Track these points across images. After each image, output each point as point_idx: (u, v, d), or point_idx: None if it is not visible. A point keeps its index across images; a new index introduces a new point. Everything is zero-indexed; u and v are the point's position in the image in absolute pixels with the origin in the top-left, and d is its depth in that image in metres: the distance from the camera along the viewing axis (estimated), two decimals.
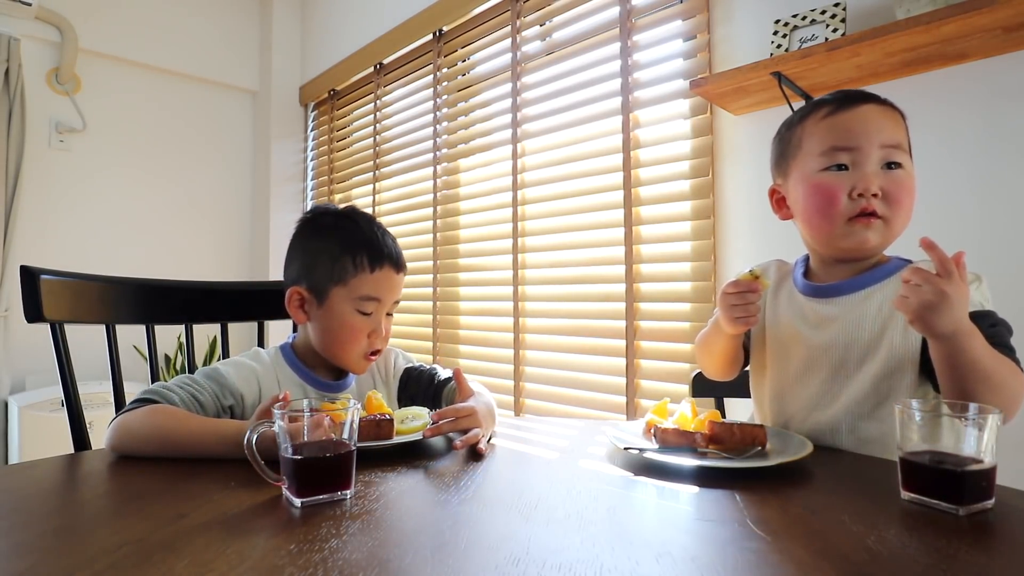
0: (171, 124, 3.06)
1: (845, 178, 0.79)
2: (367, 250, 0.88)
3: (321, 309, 0.89)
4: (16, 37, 2.53)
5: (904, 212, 0.79)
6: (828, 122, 0.82)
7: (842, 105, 0.82)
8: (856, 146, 0.79)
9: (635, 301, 1.76)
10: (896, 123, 0.81)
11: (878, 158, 0.78)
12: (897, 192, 0.78)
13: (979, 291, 0.77)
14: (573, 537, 0.49)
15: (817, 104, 0.85)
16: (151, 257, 2.94)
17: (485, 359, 2.22)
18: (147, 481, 0.65)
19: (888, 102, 0.82)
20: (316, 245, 0.91)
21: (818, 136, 0.82)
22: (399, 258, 0.92)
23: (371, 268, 0.88)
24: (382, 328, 0.90)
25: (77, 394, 0.94)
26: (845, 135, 0.79)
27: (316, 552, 0.45)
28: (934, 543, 0.47)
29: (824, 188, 0.80)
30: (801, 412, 0.85)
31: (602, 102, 1.87)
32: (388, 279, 0.90)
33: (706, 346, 0.94)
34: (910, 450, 0.57)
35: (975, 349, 0.66)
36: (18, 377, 2.55)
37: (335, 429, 0.59)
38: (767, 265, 0.97)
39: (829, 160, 0.80)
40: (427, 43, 2.53)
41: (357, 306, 0.88)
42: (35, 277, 0.93)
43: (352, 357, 0.90)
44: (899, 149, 0.79)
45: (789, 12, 1.39)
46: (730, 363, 0.94)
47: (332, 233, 0.91)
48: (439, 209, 2.46)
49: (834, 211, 0.79)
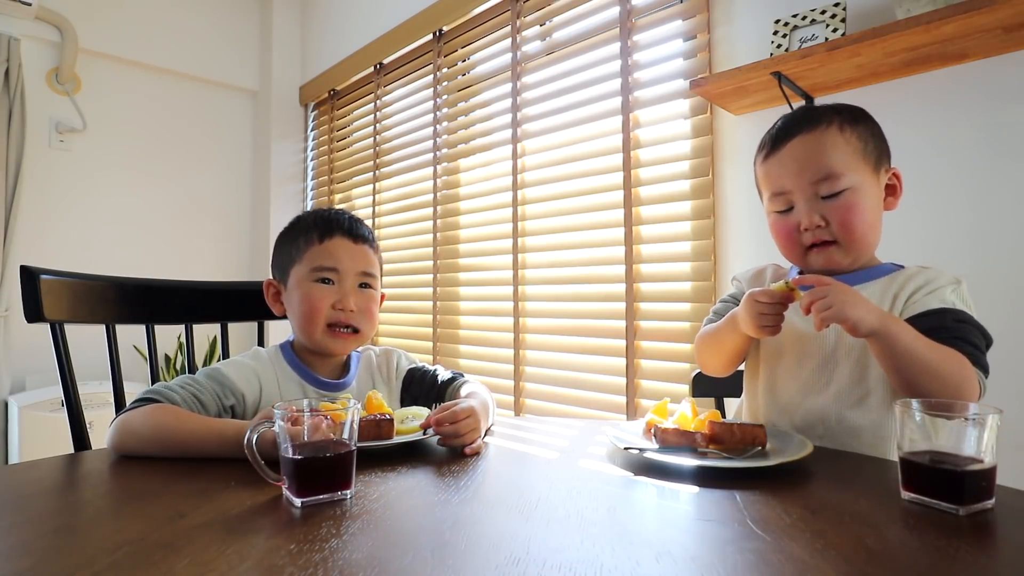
0: (171, 124, 3.06)
1: (792, 218, 0.84)
2: (316, 226, 0.92)
3: (287, 292, 0.93)
4: (16, 37, 2.53)
5: (858, 231, 0.82)
6: (764, 168, 0.88)
7: (772, 147, 0.87)
8: (787, 190, 0.84)
9: (635, 301, 1.76)
10: (822, 151, 0.81)
11: (811, 194, 0.82)
12: (842, 216, 0.81)
13: (955, 293, 0.80)
14: (573, 537, 0.49)
15: (762, 142, 0.90)
16: (151, 257, 2.94)
17: (485, 359, 2.22)
18: (147, 481, 0.65)
19: (816, 127, 0.83)
20: (281, 239, 0.97)
21: (761, 180, 0.90)
22: (354, 228, 0.94)
23: (320, 239, 0.91)
24: (349, 299, 0.90)
25: (77, 394, 0.94)
26: (776, 181, 0.86)
27: (316, 552, 0.45)
28: (934, 543, 0.47)
29: (779, 229, 0.87)
30: (794, 399, 0.86)
31: (602, 102, 1.87)
32: (341, 247, 0.92)
33: (716, 344, 0.92)
34: (910, 450, 0.57)
35: (905, 338, 0.70)
36: (18, 377, 2.55)
37: (335, 429, 0.59)
38: (751, 271, 0.99)
39: (774, 205, 0.87)
40: (427, 43, 2.53)
41: (314, 277, 0.90)
42: (35, 277, 0.93)
43: (318, 331, 0.90)
44: (830, 179, 0.81)
45: (789, 12, 1.39)
46: (737, 360, 0.94)
47: (294, 225, 0.96)
48: (439, 209, 2.46)
49: (794, 247, 0.86)
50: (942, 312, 0.76)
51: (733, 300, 0.96)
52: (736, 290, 0.99)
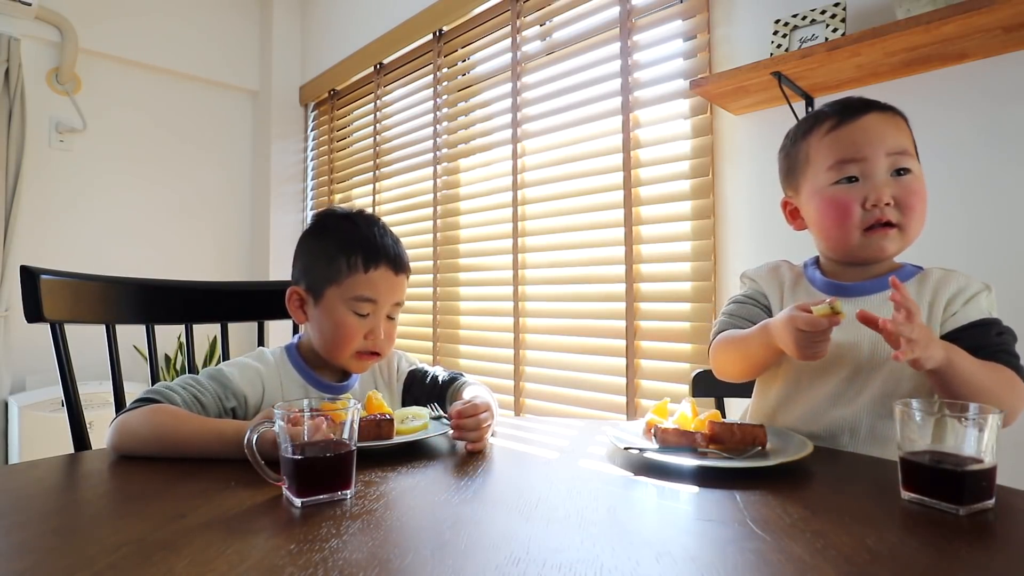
0: (171, 124, 3.06)
1: (856, 190, 0.80)
2: (362, 250, 0.87)
3: (317, 309, 0.89)
4: (16, 37, 2.53)
5: (918, 217, 0.80)
6: (833, 136, 0.83)
7: (844, 117, 0.83)
8: (863, 157, 0.80)
9: (635, 301, 1.76)
10: (899, 128, 0.82)
11: (886, 166, 0.80)
12: (909, 198, 0.79)
13: (988, 299, 0.80)
14: (573, 537, 0.49)
15: (819, 117, 0.86)
16: (151, 257, 2.94)
17: (485, 359, 2.22)
18: (147, 481, 0.65)
19: (890, 107, 0.83)
20: (315, 245, 0.91)
21: (824, 150, 0.83)
22: (398, 259, 0.90)
23: (365, 268, 0.87)
24: (380, 330, 0.88)
25: (77, 394, 0.94)
26: (851, 147, 0.81)
27: (316, 552, 0.45)
28: (934, 543, 0.47)
29: (837, 202, 0.81)
30: (820, 407, 0.84)
31: (602, 102, 1.87)
32: (384, 280, 0.88)
33: (742, 353, 0.85)
34: (910, 450, 0.57)
35: (966, 367, 0.70)
36: (18, 377, 2.55)
37: (335, 429, 0.59)
38: (764, 269, 0.96)
39: (838, 173, 0.81)
40: (427, 43, 2.53)
41: (352, 307, 0.87)
42: (35, 277, 0.93)
43: (347, 357, 0.89)
44: (906, 155, 0.80)
45: (789, 12, 1.39)
46: (762, 371, 0.90)
47: (331, 234, 0.91)
48: (439, 209, 2.46)
49: (849, 223, 0.81)
50: (986, 326, 0.77)
51: (751, 301, 0.92)
52: (750, 289, 0.95)
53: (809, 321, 0.69)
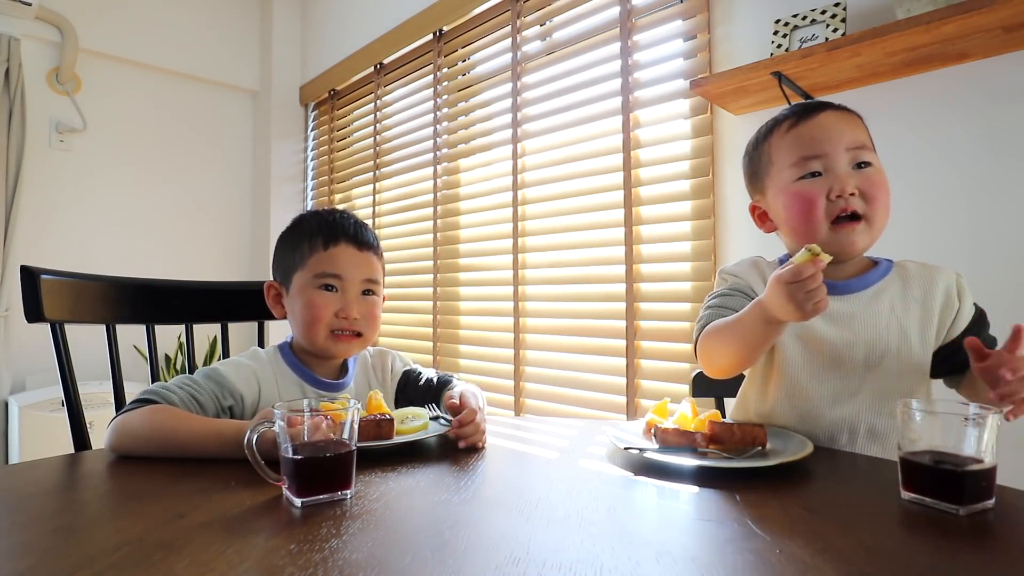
0: (171, 124, 3.06)
1: (820, 183, 0.82)
2: (321, 233, 0.91)
3: (289, 296, 0.93)
4: (16, 37, 2.53)
5: (882, 208, 0.82)
6: (793, 134, 0.85)
7: (802, 116, 0.85)
8: (824, 153, 0.82)
9: (635, 301, 1.76)
10: (856, 125, 0.84)
11: (847, 160, 0.82)
12: (872, 189, 0.81)
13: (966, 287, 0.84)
14: (573, 537, 0.49)
15: (777, 120, 0.88)
16: (151, 257, 2.94)
17: (485, 359, 2.22)
18: (147, 481, 0.65)
19: (844, 107, 0.86)
20: (285, 240, 0.96)
21: (786, 149, 0.85)
22: (358, 235, 0.93)
23: (325, 246, 0.90)
24: (352, 307, 0.89)
25: (77, 394, 0.94)
26: (811, 144, 0.83)
27: (316, 552, 0.45)
28: (934, 543, 0.47)
29: (802, 195, 0.82)
30: (819, 407, 0.84)
31: (602, 102, 1.87)
32: (346, 254, 0.91)
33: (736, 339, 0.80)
34: (910, 450, 0.57)
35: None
36: (18, 377, 2.55)
37: (335, 429, 0.59)
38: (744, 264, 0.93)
39: (801, 169, 0.83)
40: (427, 43, 2.53)
41: (316, 284, 0.90)
42: (35, 277, 0.93)
43: (323, 338, 0.89)
44: (865, 149, 0.83)
45: (789, 12, 1.39)
46: (759, 356, 0.84)
47: (298, 227, 0.95)
48: (439, 209, 2.46)
49: (815, 215, 0.81)
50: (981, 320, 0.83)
51: (739, 293, 0.89)
52: (734, 283, 0.91)
53: (793, 271, 0.67)
